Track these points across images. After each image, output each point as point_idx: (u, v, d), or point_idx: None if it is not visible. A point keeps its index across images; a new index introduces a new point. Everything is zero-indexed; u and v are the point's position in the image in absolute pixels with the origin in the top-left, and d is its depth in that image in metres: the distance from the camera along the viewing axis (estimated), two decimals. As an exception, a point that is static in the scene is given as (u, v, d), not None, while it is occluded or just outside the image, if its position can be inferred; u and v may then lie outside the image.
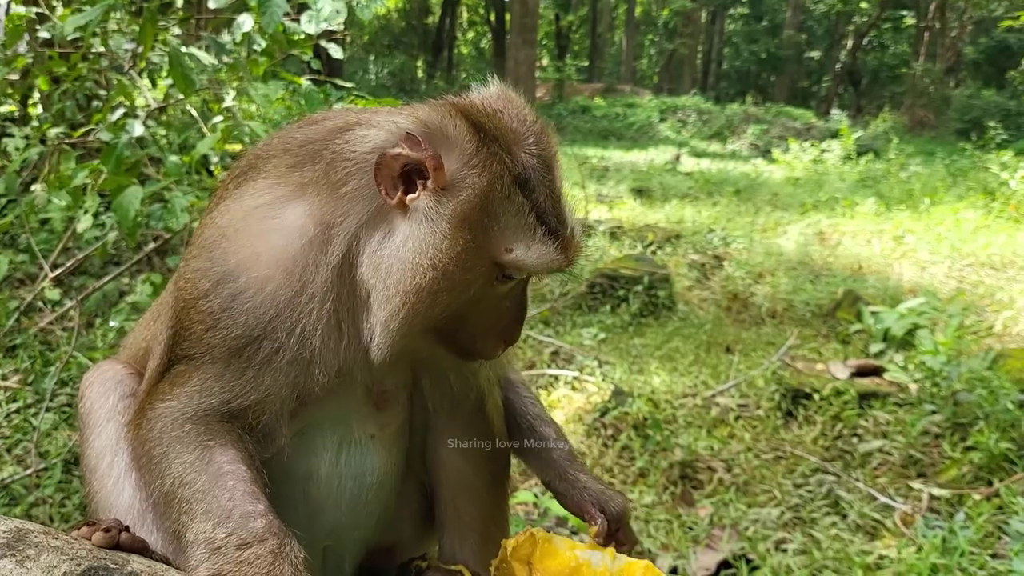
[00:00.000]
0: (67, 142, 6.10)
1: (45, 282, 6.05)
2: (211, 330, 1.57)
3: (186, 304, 1.62)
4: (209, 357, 1.59)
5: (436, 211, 1.54)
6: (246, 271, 1.57)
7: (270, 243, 1.58)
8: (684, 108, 36.87)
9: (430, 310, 1.57)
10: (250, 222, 1.62)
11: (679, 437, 5.86)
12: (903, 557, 4.44)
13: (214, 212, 1.71)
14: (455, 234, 1.53)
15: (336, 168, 1.60)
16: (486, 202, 1.55)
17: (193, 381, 1.60)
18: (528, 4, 30.91)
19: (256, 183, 1.68)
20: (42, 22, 5.95)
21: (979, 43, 42.52)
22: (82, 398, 1.83)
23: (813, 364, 7.07)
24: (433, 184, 1.54)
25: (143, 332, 1.96)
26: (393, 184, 1.55)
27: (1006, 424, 5.45)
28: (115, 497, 1.69)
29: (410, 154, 1.52)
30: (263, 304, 1.56)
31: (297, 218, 1.59)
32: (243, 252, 1.58)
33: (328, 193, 1.59)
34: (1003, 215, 13.44)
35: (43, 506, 4.59)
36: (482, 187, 1.55)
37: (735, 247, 11.78)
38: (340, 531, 1.81)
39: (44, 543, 1.40)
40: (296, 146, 1.71)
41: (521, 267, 1.60)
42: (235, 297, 1.57)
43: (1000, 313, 8.52)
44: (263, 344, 1.57)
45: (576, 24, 53.80)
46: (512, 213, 1.58)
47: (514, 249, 1.58)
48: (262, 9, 4.88)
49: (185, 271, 1.66)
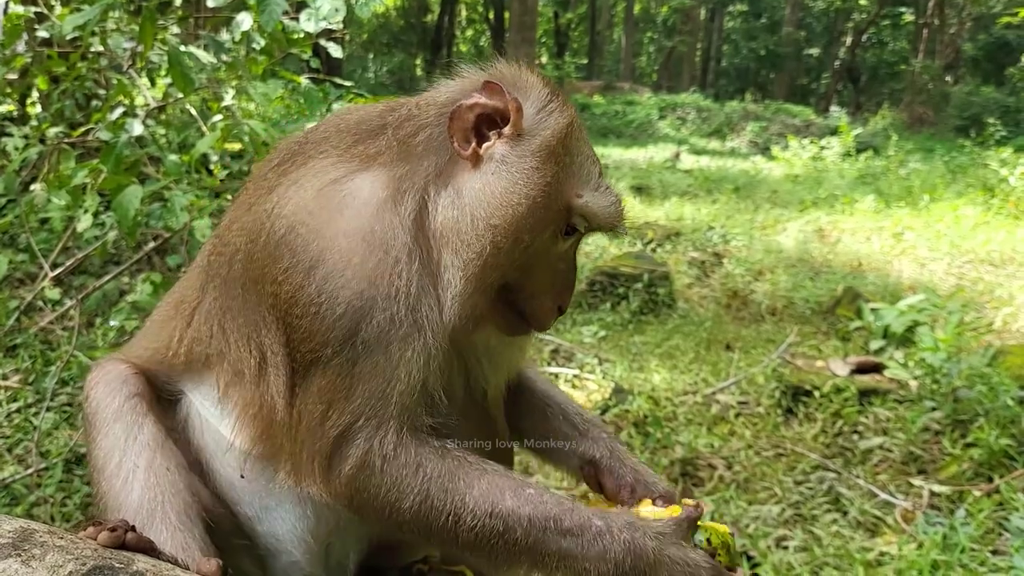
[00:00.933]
0: (66, 141, 6.09)
1: (45, 281, 6.05)
2: (317, 318, 1.52)
3: (289, 304, 1.56)
4: (335, 353, 1.52)
5: (514, 155, 1.59)
6: (331, 250, 1.54)
7: (347, 216, 1.56)
8: (683, 105, 36.87)
9: (507, 257, 1.58)
10: (322, 202, 1.58)
11: (679, 435, 5.87)
12: (904, 554, 4.44)
13: (269, 205, 1.64)
14: (542, 168, 1.58)
15: (404, 128, 1.64)
16: (567, 140, 1.63)
17: (356, 392, 1.52)
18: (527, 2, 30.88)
19: (315, 164, 1.66)
20: (41, 21, 5.94)
21: (978, 40, 42.50)
22: (87, 398, 1.81)
23: (813, 361, 7.07)
24: (511, 130, 1.59)
25: (171, 334, 1.86)
26: (466, 136, 1.59)
27: (1006, 420, 5.46)
28: (124, 497, 1.67)
29: (488, 102, 1.58)
30: (355, 278, 1.52)
31: (369, 186, 1.59)
32: (324, 233, 1.56)
33: (398, 155, 1.62)
34: (1002, 212, 13.45)
35: (44, 505, 4.59)
36: (564, 125, 1.63)
37: (735, 244, 11.78)
38: (344, 527, 1.81)
39: (49, 543, 1.40)
40: (353, 124, 1.73)
41: (588, 214, 1.66)
42: (328, 279, 1.53)
43: (1000, 310, 8.53)
44: (373, 317, 1.52)
45: (575, 22, 53.76)
46: (585, 157, 1.68)
47: (583, 195, 1.65)
48: (261, 8, 4.87)
49: (268, 272, 1.58)
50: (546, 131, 1.61)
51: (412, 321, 1.54)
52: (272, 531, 1.78)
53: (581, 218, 1.66)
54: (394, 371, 1.53)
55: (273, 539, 1.78)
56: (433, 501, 1.52)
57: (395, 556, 1.96)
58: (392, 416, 1.54)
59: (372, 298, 1.52)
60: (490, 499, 1.51)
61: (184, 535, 1.64)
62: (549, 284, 1.70)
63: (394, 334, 1.53)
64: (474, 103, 1.58)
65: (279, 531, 1.77)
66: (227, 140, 5.30)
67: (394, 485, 1.53)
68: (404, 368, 1.54)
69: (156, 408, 1.80)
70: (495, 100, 1.59)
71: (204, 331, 1.78)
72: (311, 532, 1.77)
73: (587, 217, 1.67)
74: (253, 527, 1.79)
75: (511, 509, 1.51)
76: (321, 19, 5.35)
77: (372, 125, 1.70)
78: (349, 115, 1.77)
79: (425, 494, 1.52)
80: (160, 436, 1.74)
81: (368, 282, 1.52)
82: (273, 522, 1.77)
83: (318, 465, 1.57)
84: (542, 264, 1.67)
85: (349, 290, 1.52)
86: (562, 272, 1.72)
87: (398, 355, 1.53)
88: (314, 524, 1.76)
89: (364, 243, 1.54)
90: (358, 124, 1.71)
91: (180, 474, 1.72)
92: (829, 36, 53.80)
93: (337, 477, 1.55)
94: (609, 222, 1.70)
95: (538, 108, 1.63)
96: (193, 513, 1.68)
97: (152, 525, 1.63)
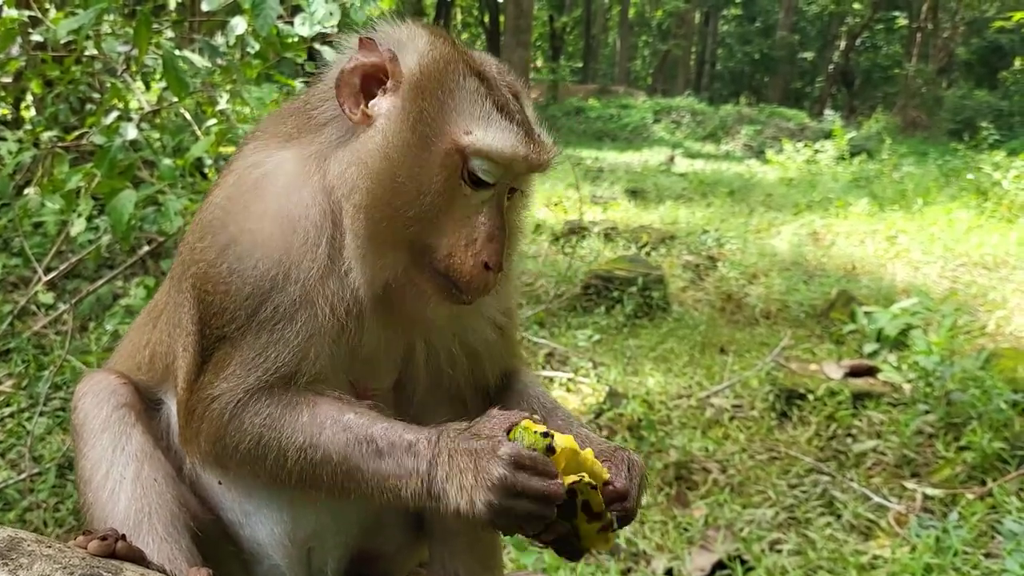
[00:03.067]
0: (60, 145, 6.08)
1: (39, 286, 6.04)
2: (227, 296, 1.56)
3: (201, 281, 1.60)
4: (238, 330, 1.57)
5: (395, 102, 1.56)
6: (244, 231, 1.57)
7: (261, 198, 1.59)
8: (678, 109, 36.95)
9: (395, 210, 1.54)
10: (241, 185, 1.63)
11: (674, 438, 5.87)
12: (897, 557, 4.45)
13: (211, 195, 1.72)
14: (410, 106, 1.55)
15: (311, 103, 1.66)
16: (440, 74, 1.57)
17: (235, 361, 1.57)
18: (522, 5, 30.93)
19: (245, 150, 1.71)
20: (35, 25, 5.93)
21: (971, 44, 42.71)
22: (75, 409, 1.81)
23: (807, 364, 7.08)
24: (392, 83, 1.57)
25: (140, 338, 1.93)
26: (355, 99, 1.58)
27: (999, 424, 5.47)
28: (111, 508, 1.68)
29: (364, 60, 1.57)
30: (263, 258, 1.55)
31: (282, 165, 1.61)
32: (240, 215, 1.59)
33: (309, 132, 1.64)
34: (995, 215, 13.50)
35: (37, 511, 4.58)
36: (434, 59, 1.58)
37: (729, 248, 11.80)
38: (323, 533, 1.81)
39: (37, 552, 1.39)
40: (283, 109, 1.78)
41: (481, 151, 1.55)
42: (240, 258, 1.56)
43: (993, 313, 8.56)
44: (272, 298, 1.55)
45: (570, 25, 53.84)
46: (468, 92, 1.59)
47: (472, 131, 1.55)
48: (255, 11, 4.87)
49: (193, 255, 1.65)
50: (415, 71, 1.57)
51: (305, 300, 1.56)
52: (254, 536, 1.79)
53: (481, 160, 1.55)
54: (273, 345, 1.56)
55: (255, 544, 1.79)
56: (264, 441, 1.56)
57: (378, 566, 1.95)
58: (256, 380, 1.57)
59: (275, 277, 1.55)
60: (309, 432, 1.54)
61: (171, 546, 1.65)
62: (464, 239, 1.58)
63: (285, 312, 1.56)
64: (354, 65, 1.56)
65: (260, 535, 1.79)
66: (221, 144, 5.30)
67: (236, 431, 1.57)
68: (283, 343, 1.56)
69: (144, 418, 1.81)
70: (372, 57, 1.57)
71: (164, 332, 1.82)
72: (289, 536, 1.78)
73: (485, 157, 1.55)
74: (237, 532, 1.80)
75: (328, 438, 1.53)
76: (316, 23, 5.35)
77: (295, 106, 1.73)
78: (284, 104, 1.83)
79: (258, 437, 1.56)
80: (148, 446, 1.75)
81: (275, 262, 1.55)
82: (254, 527, 1.78)
83: (192, 430, 1.63)
84: (452, 218, 1.58)
85: (257, 271, 1.55)
86: (481, 226, 1.59)
87: (280, 331, 1.56)
88: (291, 528, 1.77)
89: (274, 223, 1.57)
90: (287, 107, 1.77)
91: (168, 484, 1.72)
92: (823, 40, 53.98)
93: (202, 436, 1.61)
94: (511, 159, 1.57)
95: (417, 53, 1.59)
96: (180, 524, 1.69)
97: (139, 536, 1.63)
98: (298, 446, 1.54)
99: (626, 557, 4.63)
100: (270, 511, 1.76)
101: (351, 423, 1.54)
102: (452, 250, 1.58)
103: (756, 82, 56.01)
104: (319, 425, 1.54)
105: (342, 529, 1.85)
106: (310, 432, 1.54)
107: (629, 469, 1.61)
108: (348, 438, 1.53)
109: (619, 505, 1.56)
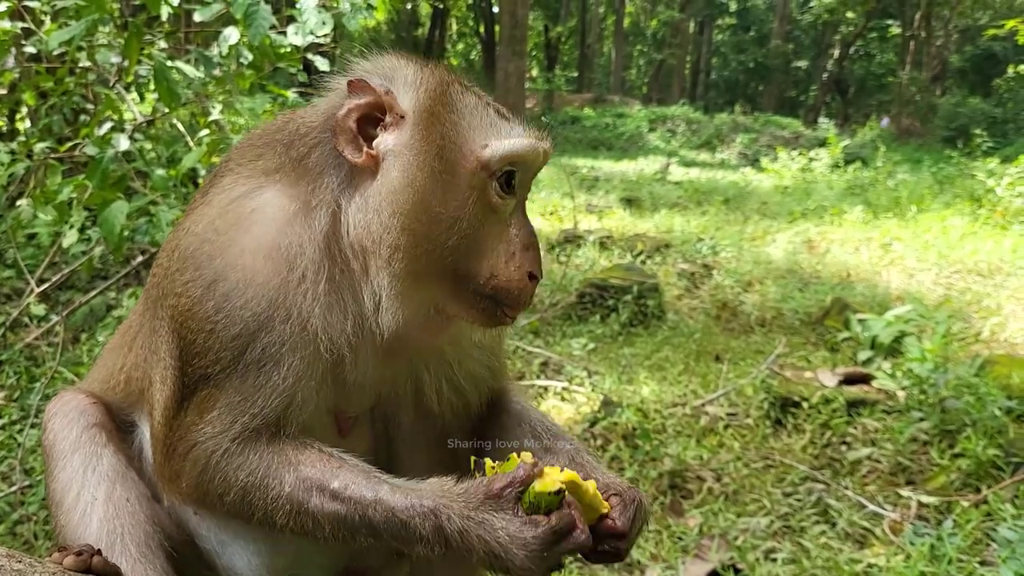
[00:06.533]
0: (53, 157, 6.08)
1: (31, 297, 6.02)
2: (211, 336, 1.52)
3: (184, 318, 1.55)
4: (223, 371, 1.53)
5: (403, 139, 1.54)
6: (233, 267, 1.53)
7: (251, 233, 1.55)
8: (673, 118, 37.08)
9: (434, 242, 1.51)
10: (227, 218, 1.58)
11: (668, 447, 5.86)
12: (892, 565, 4.44)
13: (187, 222, 1.66)
14: (427, 135, 1.52)
15: (296, 147, 1.61)
16: (445, 97, 1.56)
17: (220, 404, 1.54)
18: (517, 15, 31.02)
19: (223, 182, 1.66)
20: (28, 37, 5.94)
21: (964, 51, 42.92)
22: (45, 430, 1.78)
23: (802, 372, 7.08)
24: (392, 118, 1.55)
25: (115, 362, 1.89)
26: (355, 144, 1.55)
27: (993, 431, 5.47)
28: (82, 529, 1.65)
29: (359, 102, 1.54)
30: (255, 297, 1.51)
31: (272, 202, 1.57)
32: (227, 249, 1.55)
33: (296, 172, 1.59)
34: (989, 222, 13.52)
35: (28, 523, 4.55)
36: (435, 84, 1.57)
37: (724, 256, 11.81)
38: (305, 561, 1.79)
39: (7, 567, 1.38)
40: (256, 139, 1.71)
41: (506, 157, 1.55)
42: (228, 296, 1.51)
43: (987, 320, 8.56)
44: (261, 338, 1.51)
45: (565, 35, 54.01)
46: (473, 106, 1.59)
47: (489, 142, 1.55)
48: (248, 22, 4.89)
49: (172, 286, 1.59)
50: (419, 103, 1.55)
51: (298, 339, 1.53)
52: (231, 565, 1.76)
53: (500, 162, 1.56)
54: (259, 389, 1.53)
55: (232, 572, 1.76)
56: (250, 498, 1.54)
57: None
58: (241, 426, 1.54)
59: (266, 317, 1.52)
60: (297, 498, 1.52)
61: (145, 566, 1.62)
62: (504, 255, 1.57)
63: (273, 353, 1.52)
64: (348, 110, 1.54)
65: (237, 565, 1.75)
66: (214, 154, 5.30)
67: (222, 482, 1.55)
68: (270, 387, 1.53)
69: (116, 438, 1.79)
70: (365, 97, 1.55)
71: (141, 356, 1.77)
72: (267, 567, 1.75)
73: (511, 161, 1.57)
74: (213, 560, 1.77)
75: (316, 506, 1.51)
76: (308, 33, 5.37)
77: (271, 138, 1.68)
78: (256, 131, 1.77)
79: (242, 492, 1.54)
80: (120, 466, 1.72)
81: (268, 301, 1.52)
82: (231, 556, 1.75)
83: (172, 469, 1.59)
84: (488, 237, 1.57)
85: (248, 310, 1.51)
86: (516, 238, 1.59)
87: (267, 374, 1.53)
88: (270, 559, 1.74)
89: (268, 260, 1.53)
90: (260, 138, 1.71)
91: (141, 504, 1.70)
92: (817, 48, 54.20)
93: (183, 479, 1.58)
94: (531, 155, 1.60)
95: (409, 84, 1.58)
96: (154, 544, 1.67)
97: (112, 558, 1.61)
98: (286, 512, 1.52)
99: (620, 566, 4.61)
100: (247, 541, 1.73)
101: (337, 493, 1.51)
102: (495, 270, 1.57)
103: (751, 91, 56.20)
104: (306, 492, 1.52)
105: (326, 554, 1.82)
106: (297, 500, 1.52)
107: (636, 510, 1.59)
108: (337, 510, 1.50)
109: (613, 542, 1.54)
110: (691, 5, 50.93)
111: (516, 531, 1.39)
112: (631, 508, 1.58)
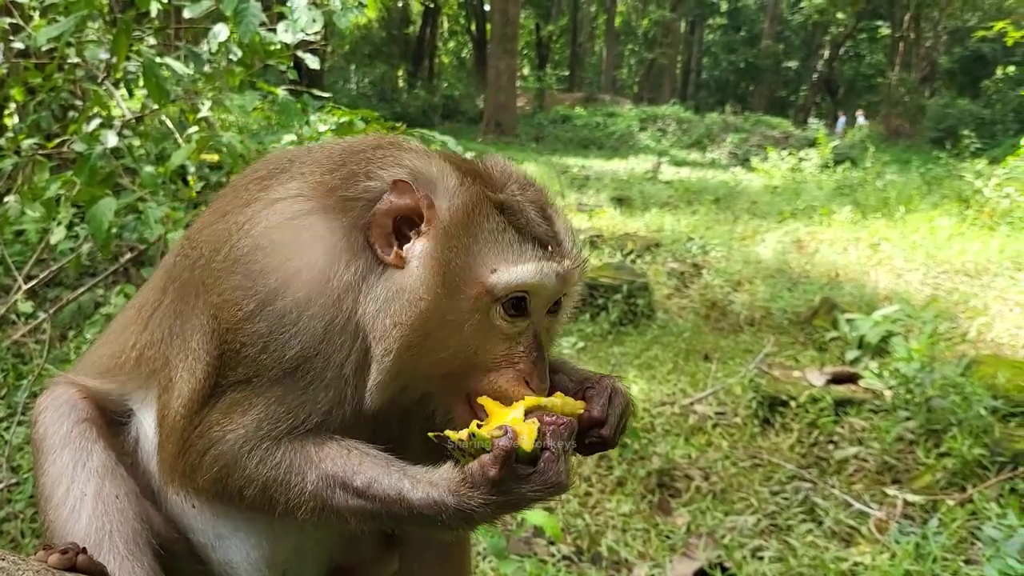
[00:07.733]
0: (41, 153, 6.04)
1: (18, 294, 5.98)
2: (263, 352, 1.52)
3: (231, 326, 1.54)
4: (267, 379, 1.53)
5: (427, 250, 1.54)
6: (289, 291, 1.52)
7: (309, 261, 1.54)
8: (664, 117, 37.20)
9: (423, 354, 1.54)
10: (287, 235, 1.56)
11: (657, 445, 5.88)
12: (877, 563, 4.47)
13: (241, 216, 1.61)
14: (439, 254, 1.52)
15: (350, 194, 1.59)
16: (465, 220, 1.54)
17: (257, 408, 1.54)
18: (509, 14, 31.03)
19: (290, 185, 1.63)
20: (16, 32, 5.90)
21: (953, 53, 43.19)
22: (35, 424, 1.76)
23: (790, 371, 7.12)
24: (427, 227, 1.54)
25: (127, 339, 1.83)
26: (387, 240, 1.54)
27: (979, 430, 5.51)
28: (71, 526, 1.64)
29: (398, 202, 1.53)
30: (309, 326, 1.52)
31: (329, 237, 1.56)
32: (284, 269, 1.53)
33: (351, 218, 1.58)
34: (977, 223, 13.61)
35: (14, 521, 4.53)
36: (459, 205, 1.54)
37: (714, 255, 11.85)
38: (302, 553, 1.79)
39: (-9, 565, 1.38)
40: (336, 154, 1.68)
41: (510, 285, 1.54)
42: (282, 319, 1.51)
43: (974, 320, 8.62)
44: (315, 362, 1.53)
45: (557, 34, 54.07)
46: (490, 230, 1.56)
47: (498, 268, 1.54)
48: (237, 19, 4.86)
49: (216, 284, 1.57)
50: (444, 217, 1.55)
51: (340, 374, 1.55)
52: (227, 559, 1.75)
53: (504, 289, 1.54)
54: (301, 405, 1.55)
55: (227, 566, 1.75)
56: (272, 492, 1.56)
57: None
58: (277, 432, 1.56)
59: (321, 351, 1.53)
60: (321, 495, 1.55)
61: (132, 564, 1.61)
62: (508, 374, 1.58)
63: (320, 376, 1.55)
64: (387, 208, 1.53)
65: (234, 559, 1.74)
66: (204, 151, 5.28)
67: (242, 477, 1.56)
68: (313, 403, 1.56)
69: (107, 433, 1.76)
70: (405, 199, 1.53)
71: (157, 335, 1.74)
72: (266, 560, 1.74)
73: (514, 289, 1.55)
74: (207, 554, 1.76)
75: (341, 503, 1.54)
76: (298, 30, 5.35)
77: (345, 170, 1.64)
78: (340, 143, 1.74)
79: (263, 486, 1.56)
80: (110, 462, 1.70)
81: (323, 334, 1.53)
82: (227, 550, 1.74)
83: (187, 463, 1.60)
84: (492, 353, 1.58)
85: (305, 335, 1.52)
86: (521, 356, 1.59)
87: (313, 394, 1.55)
88: (269, 553, 1.73)
89: (323, 295, 1.53)
90: (340, 156, 1.67)
91: (130, 501, 1.68)
92: (807, 49, 54.43)
93: (200, 474, 1.59)
94: (537, 284, 1.56)
95: (448, 199, 1.56)
96: (143, 541, 1.65)
97: (100, 555, 1.60)
98: (309, 508, 1.55)
99: (607, 565, 4.63)
100: (247, 535, 1.72)
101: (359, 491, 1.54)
102: (495, 386, 1.57)
103: (741, 91, 56.38)
104: (329, 489, 1.55)
105: (322, 547, 1.82)
106: (321, 497, 1.55)
107: (611, 398, 1.62)
108: (368, 506, 1.54)
109: (595, 432, 1.57)
110: (682, 5, 51.06)
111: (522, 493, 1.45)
112: (605, 395, 1.62)
